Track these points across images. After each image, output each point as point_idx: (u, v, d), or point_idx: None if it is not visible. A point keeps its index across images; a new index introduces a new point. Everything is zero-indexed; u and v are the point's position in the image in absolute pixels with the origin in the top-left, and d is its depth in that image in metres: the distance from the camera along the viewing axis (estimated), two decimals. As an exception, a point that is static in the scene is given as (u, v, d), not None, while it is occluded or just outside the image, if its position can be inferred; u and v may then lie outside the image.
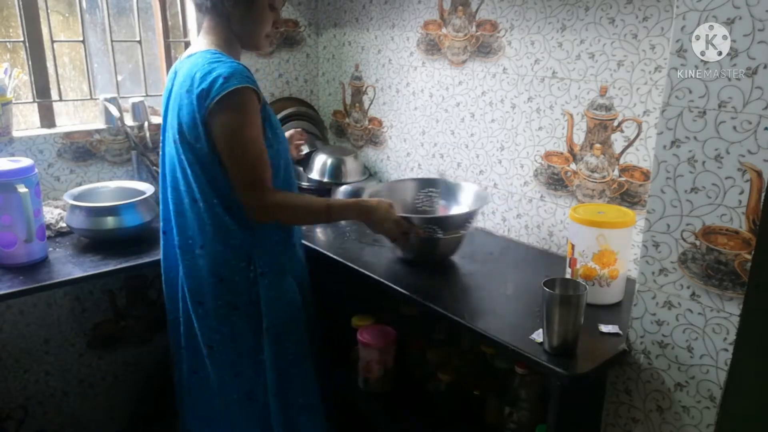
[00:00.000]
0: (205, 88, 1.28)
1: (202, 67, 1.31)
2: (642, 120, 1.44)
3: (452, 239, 1.55)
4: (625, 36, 1.44)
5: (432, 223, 1.52)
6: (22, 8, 1.90)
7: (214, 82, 1.27)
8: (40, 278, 1.54)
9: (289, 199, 1.42)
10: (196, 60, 1.34)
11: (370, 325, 1.78)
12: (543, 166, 1.69)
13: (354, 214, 1.49)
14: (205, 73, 1.29)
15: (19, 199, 1.52)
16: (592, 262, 1.34)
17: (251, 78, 1.32)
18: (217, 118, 1.29)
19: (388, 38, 2.11)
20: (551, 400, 1.19)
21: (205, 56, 1.34)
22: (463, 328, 1.30)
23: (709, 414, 1.14)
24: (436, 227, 1.51)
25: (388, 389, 1.72)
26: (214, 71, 1.29)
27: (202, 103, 1.29)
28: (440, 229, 1.51)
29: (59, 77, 2.03)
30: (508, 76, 1.73)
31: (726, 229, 1.05)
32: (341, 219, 1.52)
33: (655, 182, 1.13)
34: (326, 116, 2.50)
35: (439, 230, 1.51)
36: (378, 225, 1.48)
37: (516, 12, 1.67)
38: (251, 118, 1.31)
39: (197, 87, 1.29)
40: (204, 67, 1.30)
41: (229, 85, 1.27)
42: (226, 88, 1.26)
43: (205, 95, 1.28)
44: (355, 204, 1.51)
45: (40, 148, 1.93)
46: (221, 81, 1.27)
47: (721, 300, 1.08)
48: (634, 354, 1.22)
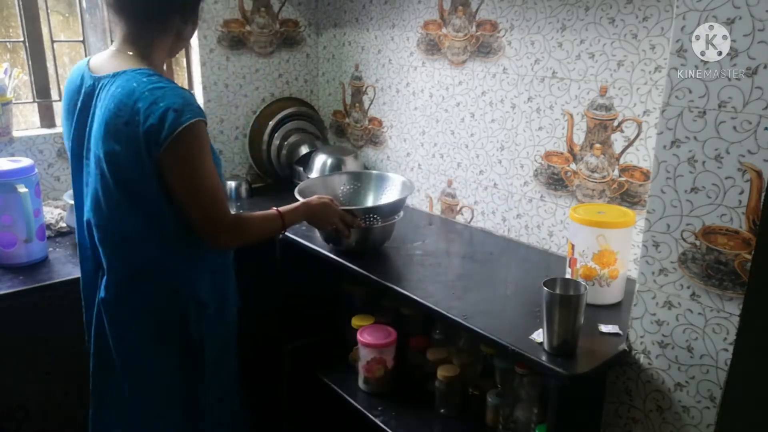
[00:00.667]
0: (154, 123, 1.16)
1: (142, 95, 1.17)
2: (642, 120, 1.44)
3: (388, 226, 1.68)
4: (625, 36, 1.44)
5: (371, 213, 1.63)
6: (22, 8, 1.90)
7: (165, 118, 1.16)
8: (40, 278, 1.54)
9: (246, 219, 1.38)
10: (130, 84, 1.20)
11: (370, 325, 1.78)
12: (543, 166, 1.69)
13: (302, 215, 1.50)
14: (150, 104, 1.17)
15: (19, 199, 1.52)
16: (592, 262, 1.34)
17: (199, 107, 1.23)
18: (172, 157, 1.19)
19: (388, 38, 2.11)
20: (551, 400, 1.19)
21: (140, 80, 1.20)
22: (463, 327, 1.30)
23: (709, 414, 1.14)
24: (375, 216, 1.62)
25: (388, 389, 1.71)
26: (161, 102, 1.17)
27: (153, 141, 1.17)
28: (379, 217, 1.63)
29: (59, 77, 2.03)
30: (508, 76, 1.73)
31: (726, 229, 1.05)
32: (293, 223, 1.48)
33: (655, 182, 1.13)
34: (326, 116, 2.50)
35: (377, 218, 1.63)
36: (324, 221, 1.55)
37: (516, 12, 1.67)
38: (205, 153, 1.24)
39: (144, 122, 1.16)
40: (146, 96, 1.17)
41: (183, 120, 1.16)
42: (180, 125, 1.16)
43: (155, 132, 1.16)
44: (302, 205, 1.51)
45: (40, 148, 1.93)
46: (173, 116, 1.16)
47: (721, 300, 1.08)
48: (634, 354, 1.22)
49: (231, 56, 2.25)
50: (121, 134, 1.19)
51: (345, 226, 1.57)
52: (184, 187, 1.23)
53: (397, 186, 1.80)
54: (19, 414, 2.02)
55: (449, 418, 1.62)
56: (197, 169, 1.23)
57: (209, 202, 1.26)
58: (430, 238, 1.82)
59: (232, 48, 2.24)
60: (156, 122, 1.16)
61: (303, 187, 1.76)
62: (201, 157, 1.23)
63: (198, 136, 1.21)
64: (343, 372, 1.82)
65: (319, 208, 1.53)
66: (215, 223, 1.28)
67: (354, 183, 1.88)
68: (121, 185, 1.24)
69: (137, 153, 1.19)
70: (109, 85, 1.23)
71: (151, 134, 1.17)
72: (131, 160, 1.20)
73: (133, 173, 1.22)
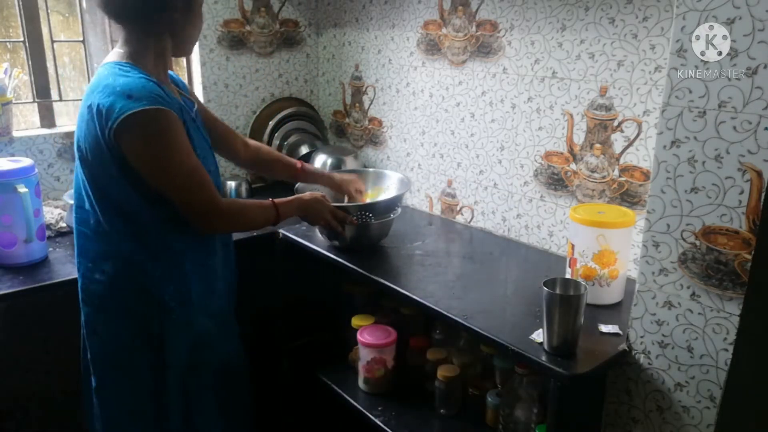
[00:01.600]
0: (106, 105, 1.17)
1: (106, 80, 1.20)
2: (642, 120, 1.44)
3: (383, 224, 1.67)
4: (625, 36, 1.44)
5: (364, 210, 1.62)
6: (22, 8, 1.90)
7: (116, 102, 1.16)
8: (40, 278, 1.54)
9: (240, 203, 1.38)
10: (102, 73, 1.23)
11: (370, 325, 1.78)
12: (543, 166, 1.69)
13: (295, 209, 1.51)
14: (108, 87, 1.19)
15: (19, 199, 1.52)
16: (592, 262, 1.34)
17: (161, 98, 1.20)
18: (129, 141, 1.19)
19: (388, 38, 2.11)
20: (551, 400, 1.19)
21: (111, 69, 1.23)
22: (463, 327, 1.30)
23: (709, 414, 1.14)
24: (368, 213, 1.62)
25: (388, 389, 1.71)
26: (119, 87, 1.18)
27: (103, 123, 1.18)
28: (372, 214, 1.62)
29: (59, 77, 2.03)
30: (508, 76, 1.73)
31: (726, 229, 1.05)
32: (287, 215, 1.46)
33: (655, 182, 1.13)
34: (326, 116, 2.50)
35: (371, 216, 1.62)
36: (316, 217, 1.56)
37: (516, 12, 1.67)
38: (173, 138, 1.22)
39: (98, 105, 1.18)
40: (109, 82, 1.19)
41: (133, 106, 1.16)
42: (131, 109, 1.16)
43: (106, 114, 1.17)
44: (296, 199, 1.53)
45: (40, 148, 1.93)
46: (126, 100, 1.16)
47: (721, 300, 1.08)
48: (634, 354, 1.22)
49: (231, 56, 2.25)
50: (85, 120, 1.23)
51: (337, 223, 1.58)
52: (154, 171, 1.22)
53: (395, 183, 1.81)
54: (19, 414, 2.02)
55: (449, 418, 1.62)
56: (164, 151, 1.21)
57: (190, 184, 1.25)
58: (430, 238, 1.82)
59: (232, 48, 2.24)
60: (107, 104, 1.17)
61: (302, 185, 1.76)
62: (165, 140, 1.21)
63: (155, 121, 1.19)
64: (343, 372, 1.82)
65: (311, 203, 1.55)
66: (202, 205, 1.27)
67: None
68: (88, 174, 1.27)
69: (95, 138, 1.21)
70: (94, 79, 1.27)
71: (101, 115, 1.18)
72: (92, 147, 1.23)
73: (94, 160, 1.24)
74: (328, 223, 1.58)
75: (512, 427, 1.45)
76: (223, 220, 1.33)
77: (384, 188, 1.83)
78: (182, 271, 1.34)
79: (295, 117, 2.38)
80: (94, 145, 1.22)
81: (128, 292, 1.32)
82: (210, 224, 1.32)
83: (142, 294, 1.31)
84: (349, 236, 1.64)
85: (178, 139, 1.23)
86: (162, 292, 1.32)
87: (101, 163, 1.23)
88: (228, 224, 1.38)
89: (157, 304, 1.32)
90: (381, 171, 1.91)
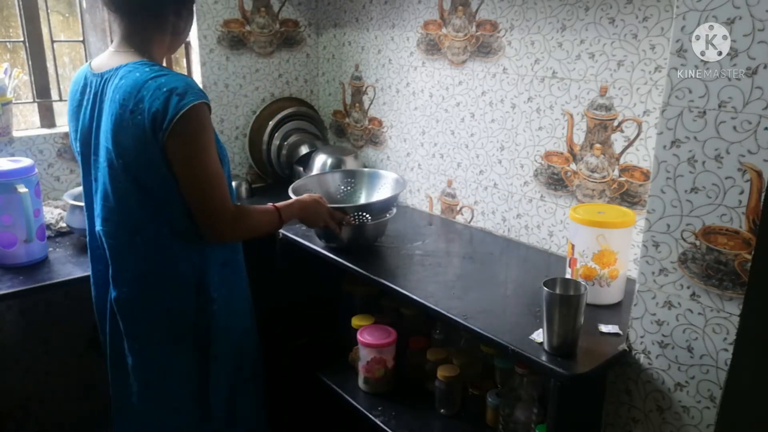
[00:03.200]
0: (159, 108, 1.17)
1: (146, 83, 1.19)
2: (642, 120, 1.44)
3: (379, 224, 1.69)
4: (625, 36, 1.44)
5: (361, 210, 1.66)
6: (22, 8, 1.90)
7: (168, 101, 1.17)
8: (40, 278, 1.54)
9: (247, 211, 1.36)
10: (133, 75, 1.21)
11: (370, 325, 1.78)
12: (543, 166, 1.69)
13: (296, 212, 1.51)
14: (153, 90, 1.18)
15: (19, 199, 1.52)
16: (592, 262, 1.34)
17: (201, 90, 1.23)
18: (175, 140, 1.19)
19: (388, 38, 2.11)
20: (551, 400, 1.19)
21: (142, 70, 1.22)
22: (463, 327, 1.30)
23: (709, 414, 1.14)
24: (364, 213, 1.65)
25: (388, 389, 1.71)
26: (164, 87, 1.18)
27: (158, 126, 1.18)
28: (368, 214, 1.66)
29: (59, 77, 2.03)
30: (508, 76, 1.73)
31: (726, 229, 1.05)
32: (289, 219, 1.47)
33: (655, 182, 1.13)
34: (326, 116, 2.50)
35: (367, 216, 1.65)
36: (314, 219, 1.56)
37: (516, 12, 1.67)
38: (208, 138, 1.24)
39: (149, 109, 1.17)
40: (149, 84, 1.19)
41: (185, 102, 1.17)
42: (183, 107, 1.17)
43: (160, 117, 1.17)
44: (296, 202, 1.53)
45: (40, 148, 1.93)
46: (176, 99, 1.17)
47: (721, 300, 1.08)
48: (634, 354, 1.22)
49: (231, 56, 2.25)
50: (128, 124, 1.20)
51: (336, 224, 1.59)
52: (185, 170, 1.23)
53: (390, 183, 1.81)
54: (19, 414, 2.02)
55: (449, 418, 1.62)
56: (199, 152, 1.22)
57: (211, 188, 1.25)
58: (430, 238, 1.82)
59: (232, 48, 2.24)
60: (160, 107, 1.17)
61: (297, 186, 1.77)
62: (203, 139, 1.23)
63: (200, 118, 1.21)
64: (343, 372, 1.82)
65: (310, 205, 1.54)
66: (215, 212, 1.26)
67: (348, 181, 1.89)
68: (130, 176, 1.25)
69: (144, 141, 1.20)
70: (113, 79, 1.24)
71: (156, 119, 1.18)
72: (139, 149, 1.21)
73: (140, 163, 1.23)
74: (327, 224, 1.58)
75: (512, 427, 1.45)
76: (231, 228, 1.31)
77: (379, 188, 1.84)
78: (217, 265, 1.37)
79: (295, 117, 2.38)
80: (140, 146, 1.20)
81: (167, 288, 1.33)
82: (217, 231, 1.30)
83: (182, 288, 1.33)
84: (346, 237, 1.64)
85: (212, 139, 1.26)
86: (200, 285, 1.34)
87: (148, 169, 1.23)
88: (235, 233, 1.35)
89: (195, 298, 1.34)
90: (376, 171, 1.91)
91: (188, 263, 1.33)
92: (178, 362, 1.37)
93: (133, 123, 1.19)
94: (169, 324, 1.35)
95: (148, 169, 1.23)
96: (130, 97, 1.19)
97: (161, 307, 1.33)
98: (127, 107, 1.20)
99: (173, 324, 1.35)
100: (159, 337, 1.35)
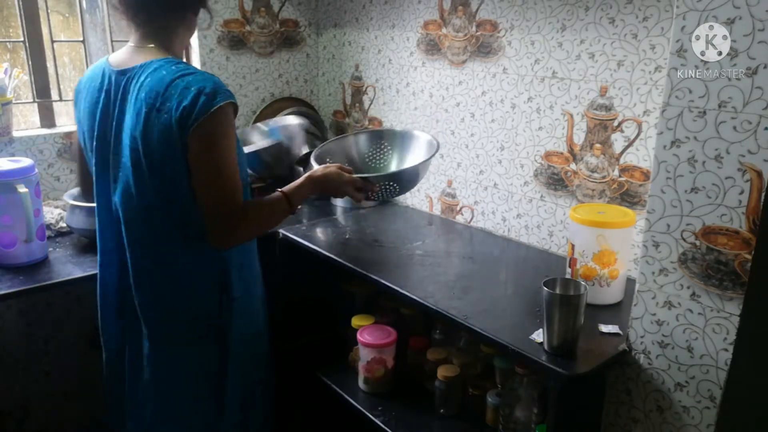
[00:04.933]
0: (187, 106, 1.16)
1: (173, 81, 1.18)
2: (642, 120, 1.44)
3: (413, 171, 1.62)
4: (625, 36, 1.44)
5: (389, 180, 1.59)
6: (22, 8, 1.90)
7: (197, 101, 1.16)
8: (40, 278, 1.53)
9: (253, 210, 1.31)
10: (160, 72, 1.20)
11: (370, 325, 1.77)
12: (543, 166, 1.69)
13: (309, 190, 1.44)
14: (182, 89, 1.17)
15: (19, 199, 1.52)
16: (592, 262, 1.34)
17: (229, 90, 1.22)
18: (199, 138, 1.18)
19: (388, 38, 2.11)
20: (551, 400, 1.19)
21: (168, 68, 1.21)
22: (463, 327, 1.30)
23: (709, 414, 1.14)
24: (393, 183, 1.59)
25: (388, 389, 1.71)
26: (192, 86, 1.17)
27: (185, 124, 1.16)
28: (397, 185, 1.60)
29: (59, 77, 2.03)
30: (508, 76, 1.73)
31: (726, 229, 1.05)
32: (300, 201, 1.41)
33: (655, 182, 1.13)
34: (326, 116, 2.50)
35: (396, 186, 1.60)
36: (335, 190, 1.53)
37: (516, 12, 1.67)
38: (231, 139, 1.22)
39: (177, 107, 1.16)
40: (177, 82, 1.18)
41: (215, 102, 1.16)
42: (212, 107, 1.16)
43: (187, 115, 1.16)
44: (306, 180, 1.44)
45: (40, 148, 1.93)
46: (204, 99, 1.16)
47: (721, 300, 1.08)
48: (634, 354, 1.22)
49: (231, 56, 2.25)
50: (154, 121, 1.18)
51: (360, 194, 1.54)
52: (204, 169, 1.20)
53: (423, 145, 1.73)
54: (19, 414, 2.02)
55: (449, 418, 1.62)
56: (220, 159, 1.20)
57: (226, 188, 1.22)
58: (430, 238, 1.82)
59: (232, 48, 2.24)
60: (188, 105, 1.16)
61: (320, 152, 1.73)
62: (225, 143, 1.21)
63: (226, 119, 1.20)
64: (343, 372, 1.82)
65: (325, 178, 1.47)
66: (226, 220, 1.23)
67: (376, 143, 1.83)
68: (156, 175, 1.23)
69: (170, 139, 1.18)
70: (138, 76, 1.23)
71: (183, 117, 1.16)
72: (164, 147, 1.19)
73: (166, 161, 1.21)
74: (349, 195, 1.53)
75: (512, 427, 1.45)
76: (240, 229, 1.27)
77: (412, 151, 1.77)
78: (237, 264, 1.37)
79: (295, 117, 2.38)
80: (165, 146, 1.19)
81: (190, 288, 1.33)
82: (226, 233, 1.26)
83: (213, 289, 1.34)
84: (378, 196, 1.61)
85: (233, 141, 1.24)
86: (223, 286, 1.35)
87: (173, 166, 1.21)
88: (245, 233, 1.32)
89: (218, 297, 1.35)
90: (407, 131, 1.85)
91: (212, 264, 1.33)
92: (200, 363, 1.38)
93: (159, 121, 1.18)
94: (194, 325, 1.35)
95: (172, 170, 1.21)
96: (157, 96, 1.18)
97: (186, 308, 1.33)
98: (154, 106, 1.18)
99: (197, 326, 1.35)
100: (183, 338, 1.35)
